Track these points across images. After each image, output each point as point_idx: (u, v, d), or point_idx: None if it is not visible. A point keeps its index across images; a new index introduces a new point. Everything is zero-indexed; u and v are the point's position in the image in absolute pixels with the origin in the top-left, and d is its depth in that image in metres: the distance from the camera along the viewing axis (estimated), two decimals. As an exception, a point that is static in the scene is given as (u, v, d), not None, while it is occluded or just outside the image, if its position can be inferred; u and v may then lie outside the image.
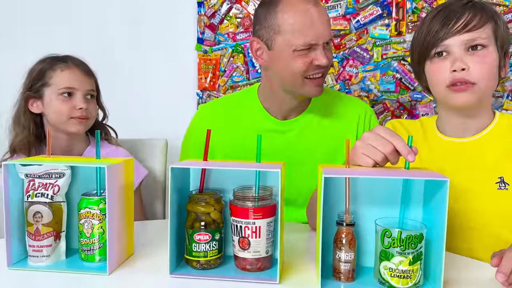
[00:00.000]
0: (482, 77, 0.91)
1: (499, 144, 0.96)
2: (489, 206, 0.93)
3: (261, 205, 0.74)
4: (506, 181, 0.92)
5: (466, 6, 0.93)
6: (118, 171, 0.77)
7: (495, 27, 0.93)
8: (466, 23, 0.91)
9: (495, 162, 0.95)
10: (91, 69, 1.29)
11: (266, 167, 0.73)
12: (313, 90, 1.15)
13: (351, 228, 0.73)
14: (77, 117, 1.22)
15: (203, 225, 0.75)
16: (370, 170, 0.73)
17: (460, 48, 0.92)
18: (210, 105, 1.38)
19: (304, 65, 1.11)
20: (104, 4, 1.93)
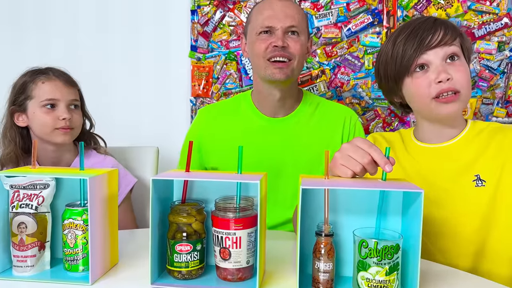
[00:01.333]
0: (465, 85, 0.96)
1: (472, 145, 1.01)
2: (468, 204, 0.97)
3: (242, 216, 0.76)
4: (482, 178, 0.97)
5: (436, 23, 0.98)
6: (101, 182, 0.78)
7: (462, 40, 0.99)
8: (441, 38, 0.96)
9: (470, 162, 1.00)
10: (73, 79, 1.30)
11: (246, 178, 0.74)
12: (275, 72, 1.23)
13: (329, 239, 0.74)
14: (61, 128, 1.23)
15: (184, 236, 0.76)
16: (348, 181, 0.74)
17: (439, 60, 0.96)
18: (207, 109, 1.46)
19: (264, 47, 1.24)
20: (98, 11, 1.95)
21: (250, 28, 1.30)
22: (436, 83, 0.95)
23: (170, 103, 1.96)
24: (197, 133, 1.40)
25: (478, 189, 0.97)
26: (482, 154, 0.99)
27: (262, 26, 1.24)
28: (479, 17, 1.70)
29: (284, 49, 1.22)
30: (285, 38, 1.24)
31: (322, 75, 1.82)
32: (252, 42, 1.28)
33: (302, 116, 1.36)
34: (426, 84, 0.97)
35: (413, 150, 1.07)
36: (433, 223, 0.99)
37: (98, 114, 1.54)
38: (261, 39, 1.25)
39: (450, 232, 0.98)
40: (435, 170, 1.02)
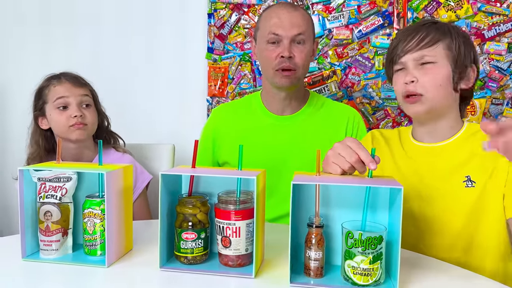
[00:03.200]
0: (429, 89, 1.02)
1: (465, 147, 1.05)
2: (457, 203, 1.02)
3: (241, 208, 0.83)
4: (472, 180, 1.02)
5: (423, 26, 1.05)
6: (117, 176, 0.88)
7: (449, 45, 1.03)
8: (418, 42, 1.03)
9: (462, 163, 1.04)
10: (83, 80, 1.40)
11: (245, 174, 0.82)
12: (281, 80, 1.34)
13: (320, 230, 0.81)
14: (74, 124, 1.33)
15: (190, 225, 0.85)
16: (337, 178, 0.81)
17: (412, 63, 1.04)
18: (221, 108, 1.57)
19: (272, 57, 1.32)
20: (120, 15, 2.06)
21: (259, 34, 1.39)
22: (404, 83, 1.04)
23: (187, 102, 2.05)
24: (211, 130, 1.51)
25: (467, 190, 1.01)
26: (474, 156, 1.03)
27: (270, 33, 1.33)
28: (489, 19, 1.72)
29: (290, 60, 1.32)
30: (291, 48, 1.32)
31: (333, 75, 1.88)
32: (261, 49, 1.38)
33: (308, 115, 1.44)
34: (400, 84, 1.06)
35: (409, 148, 1.12)
36: (424, 219, 1.05)
37: (120, 112, 1.65)
38: (269, 49, 1.34)
39: (439, 228, 1.04)
40: (428, 168, 1.07)
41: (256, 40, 1.42)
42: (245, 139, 1.42)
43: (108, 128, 1.47)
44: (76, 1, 2.07)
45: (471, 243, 1.02)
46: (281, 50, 1.31)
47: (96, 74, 1.48)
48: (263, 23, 1.37)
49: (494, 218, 1.00)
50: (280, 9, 1.35)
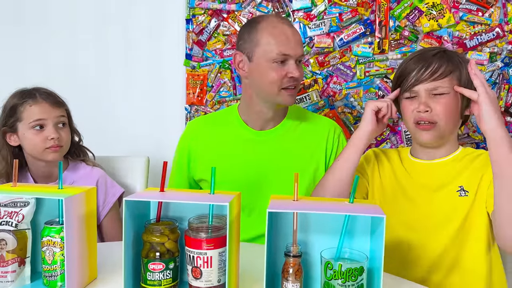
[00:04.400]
0: (443, 118, 1.08)
1: (459, 163, 1.13)
2: (450, 212, 1.08)
3: (213, 235, 0.78)
4: (465, 189, 1.08)
5: (435, 56, 1.09)
6: (78, 201, 0.81)
7: (459, 76, 1.08)
8: (431, 73, 1.07)
9: (455, 175, 1.11)
10: (59, 99, 1.35)
11: (217, 199, 0.76)
12: (287, 99, 1.29)
13: (297, 259, 0.75)
14: (51, 147, 1.28)
15: (157, 255, 0.79)
16: (315, 204, 0.76)
17: (426, 93, 1.08)
18: (197, 121, 1.51)
19: (279, 76, 1.25)
20: (96, 20, 1.98)
21: (260, 51, 1.27)
22: (417, 111, 1.09)
23: (165, 110, 1.99)
24: (186, 145, 1.44)
25: (461, 199, 1.07)
26: (466, 169, 1.10)
27: (279, 54, 1.24)
28: (471, 28, 1.70)
29: (295, 78, 1.27)
30: (297, 67, 1.28)
31: (314, 84, 1.84)
32: (263, 68, 1.27)
33: (287, 129, 1.39)
34: (411, 110, 1.11)
35: (408, 166, 1.18)
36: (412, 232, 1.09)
37: (93, 123, 1.58)
38: (274, 68, 1.26)
39: (426, 242, 1.07)
40: (425, 181, 1.13)
41: (252, 56, 1.29)
42: (222, 155, 1.36)
43: (80, 143, 1.41)
44: (50, 6, 1.98)
45: (456, 262, 1.05)
46: (291, 70, 1.25)
47: (70, 82, 1.41)
48: (266, 39, 1.26)
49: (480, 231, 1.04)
50: (283, 26, 1.28)
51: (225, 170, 1.33)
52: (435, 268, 1.04)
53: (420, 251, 1.06)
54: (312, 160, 1.36)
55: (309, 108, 1.81)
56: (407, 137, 1.79)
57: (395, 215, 1.08)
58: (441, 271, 1.04)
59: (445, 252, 1.05)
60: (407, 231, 1.08)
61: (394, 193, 1.14)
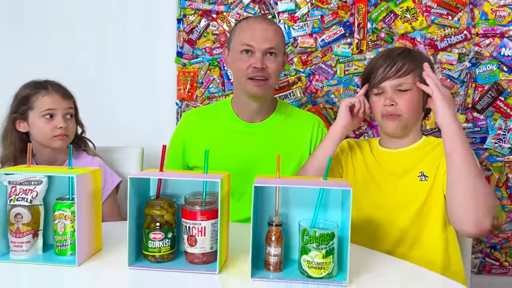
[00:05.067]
0: (406, 111, 1.20)
1: (421, 151, 1.25)
2: (412, 195, 1.19)
3: (207, 208, 0.89)
4: (425, 174, 1.19)
5: (400, 55, 1.22)
6: (86, 179, 0.92)
7: (420, 73, 1.18)
8: (396, 71, 1.19)
9: (417, 162, 1.23)
10: (69, 92, 1.46)
11: (210, 177, 0.88)
12: (253, 88, 1.40)
13: (279, 228, 0.88)
14: (59, 135, 1.39)
15: (157, 225, 0.90)
16: (295, 180, 0.89)
17: (391, 89, 1.21)
18: (192, 113, 1.62)
19: (245, 66, 1.39)
20: (92, 19, 2.07)
21: (233, 44, 1.45)
22: (383, 106, 1.21)
23: (157, 105, 2.08)
24: (181, 134, 1.55)
25: (421, 183, 1.19)
26: (426, 156, 1.22)
27: (243, 44, 1.39)
28: (442, 30, 1.85)
29: (262, 70, 1.39)
30: (264, 59, 1.39)
31: (298, 81, 1.96)
32: (234, 59, 1.43)
33: (276, 122, 1.52)
34: (380, 106, 1.23)
35: (377, 154, 1.31)
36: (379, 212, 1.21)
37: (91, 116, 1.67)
38: (242, 59, 1.40)
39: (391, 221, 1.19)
40: (391, 168, 1.25)
41: (230, 49, 1.48)
42: (215, 145, 1.48)
43: (82, 135, 1.52)
44: (50, 6, 2.06)
45: (418, 237, 1.18)
46: (254, 61, 1.37)
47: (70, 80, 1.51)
48: (237, 34, 1.43)
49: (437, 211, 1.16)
50: (254, 22, 1.42)
51: (218, 159, 1.44)
52: (399, 243, 1.18)
53: (387, 228, 1.19)
54: (297, 150, 1.49)
55: (293, 103, 1.94)
56: (384, 131, 1.93)
57: (365, 198, 1.22)
58: (405, 245, 1.17)
59: (408, 229, 1.17)
60: (376, 210, 1.21)
61: (365, 179, 1.27)
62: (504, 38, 1.81)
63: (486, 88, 1.84)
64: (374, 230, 1.19)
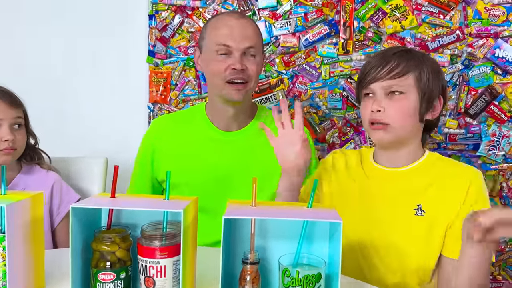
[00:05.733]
0: (396, 119, 1.02)
1: (422, 176, 1.06)
2: (405, 229, 1.03)
3: (167, 243, 0.74)
4: (423, 209, 1.03)
5: (395, 55, 1.04)
6: (22, 208, 0.76)
7: (417, 76, 1.03)
8: (388, 71, 1.02)
9: (417, 191, 1.05)
10: (17, 99, 1.28)
11: (171, 206, 0.73)
12: (232, 93, 1.25)
13: (255, 267, 0.73)
14: (5, 149, 1.21)
15: (108, 264, 0.74)
16: (273, 210, 0.74)
17: (381, 91, 1.04)
18: (162, 120, 1.46)
19: (222, 68, 1.23)
20: (53, 14, 1.89)
21: (205, 43, 1.28)
22: (371, 111, 1.04)
23: (127, 109, 1.93)
24: (150, 144, 1.39)
25: (416, 218, 1.02)
26: (429, 187, 1.04)
27: (219, 44, 1.23)
28: (433, 30, 1.73)
29: (242, 72, 1.23)
30: (243, 60, 1.23)
31: (280, 84, 1.82)
32: (208, 60, 1.27)
33: (255, 131, 1.36)
34: (367, 109, 1.06)
35: (369, 170, 1.13)
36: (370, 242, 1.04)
37: (51, 122, 1.51)
38: (218, 60, 1.24)
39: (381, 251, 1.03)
40: (383, 191, 1.08)
41: (201, 49, 1.32)
42: (187, 155, 1.32)
43: (35, 146, 1.35)
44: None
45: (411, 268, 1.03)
46: (232, 62, 1.22)
47: (24, 78, 1.33)
48: (210, 32, 1.27)
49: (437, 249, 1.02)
50: (230, 18, 1.26)
51: (190, 171, 1.29)
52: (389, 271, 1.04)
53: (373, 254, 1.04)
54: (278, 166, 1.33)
55: (274, 108, 1.79)
56: (371, 137, 1.80)
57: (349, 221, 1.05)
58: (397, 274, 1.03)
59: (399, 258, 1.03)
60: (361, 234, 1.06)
61: (347, 198, 1.11)
62: (498, 39, 1.70)
63: (479, 92, 1.73)
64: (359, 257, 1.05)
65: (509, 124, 1.72)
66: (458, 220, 0.98)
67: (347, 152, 1.23)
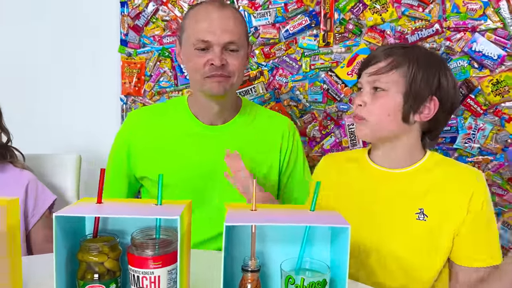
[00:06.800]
0: (373, 115, 1.01)
1: (424, 178, 1.03)
2: (405, 234, 1.00)
3: (161, 252, 0.69)
4: (425, 213, 0.99)
5: (385, 51, 1.02)
6: (-4, 217, 0.68)
7: (404, 73, 0.98)
8: (374, 67, 1.01)
9: (418, 194, 1.01)
10: None
11: (165, 212, 0.68)
12: (213, 86, 1.18)
13: (256, 274, 0.69)
14: None
15: (96, 276, 0.68)
16: (275, 215, 0.70)
17: (367, 86, 1.02)
18: (139, 113, 1.37)
19: (201, 63, 1.16)
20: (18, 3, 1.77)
21: (185, 36, 1.21)
22: (357, 104, 1.03)
23: (98, 102, 1.84)
24: (125, 138, 1.30)
25: (418, 222, 0.99)
26: (431, 190, 1.01)
27: (198, 40, 1.16)
28: (412, 23, 1.73)
29: (222, 68, 1.16)
30: (224, 55, 1.16)
31: (260, 76, 1.78)
32: (188, 54, 1.20)
33: (240, 125, 1.31)
34: (354, 103, 1.05)
35: (367, 170, 1.09)
36: (368, 247, 1.01)
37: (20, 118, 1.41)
38: (197, 55, 1.17)
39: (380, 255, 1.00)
40: (383, 193, 1.04)
41: (181, 43, 1.24)
42: (168, 150, 1.25)
43: (8, 143, 1.25)
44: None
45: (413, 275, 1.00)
46: (211, 57, 1.15)
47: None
48: (189, 24, 1.20)
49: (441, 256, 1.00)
50: (209, 10, 1.17)
51: (172, 168, 1.23)
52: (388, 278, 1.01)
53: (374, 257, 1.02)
54: (266, 159, 1.30)
55: (255, 100, 1.75)
56: (351, 130, 1.79)
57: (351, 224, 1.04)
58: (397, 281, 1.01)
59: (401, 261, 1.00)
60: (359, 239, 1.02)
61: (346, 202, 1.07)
62: (475, 33, 1.72)
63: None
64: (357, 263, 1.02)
65: (484, 117, 1.75)
66: (464, 227, 0.97)
67: (340, 155, 1.21)
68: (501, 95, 1.71)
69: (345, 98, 1.75)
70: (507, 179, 1.74)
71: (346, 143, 1.78)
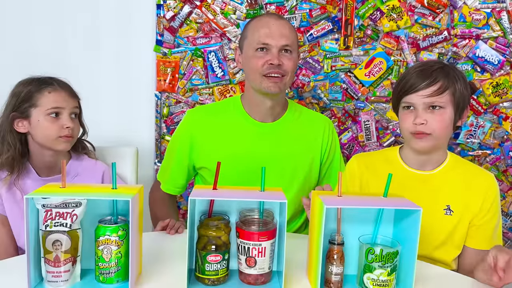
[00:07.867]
0: (437, 129, 1.16)
1: (450, 176, 1.23)
2: (435, 228, 1.18)
3: (265, 229, 0.87)
4: (451, 209, 1.19)
5: (435, 71, 1.17)
6: (137, 201, 0.84)
7: (453, 91, 1.17)
8: (430, 89, 1.15)
9: (445, 192, 1.21)
10: (74, 91, 1.34)
11: (270, 197, 0.85)
12: (270, 85, 1.36)
13: (341, 247, 0.88)
14: (64, 136, 1.26)
15: (213, 247, 0.86)
16: (359, 200, 0.89)
17: (423, 106, 1.16)
18: (197, 111, 1.53)
19: (260, 63, 1.35)
20: (60, 3, 1.87)
21: (247, 43, 1.39)
22: (413, 123, 1.17)
23: (134, 97, 1.96)
24: (188, 134, 1.45)
25: (446, 217, 1.19)
26: (455, 188, 1.21)
27: (259, 43, 1.35)
28: (424, 30, 1.92)
29: (279, 67, 1.34)
30: (280, 56, 1.35)
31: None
32: (248, 57, 1.38)
33: (288, 123, 1.48)
34: (408, 122, 1.18)
35: (398, 171, 1.25)
36: None
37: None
38: (257, 56, 1.35)
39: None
40: (414, 194, 1.16)
41: (242, 48, 1.43)
42: (225, 144, 1.42)
43: (83, 137, 1.39)
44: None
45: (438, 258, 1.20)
46: (270, 58, 1.33)
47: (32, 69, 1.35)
48: (251, 32, 1.39)
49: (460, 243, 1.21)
50: (268, 20, 1.38)
51: (227, 159, 1.39)
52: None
53: None
54: (309, 152, 1.48)
55: (283, 99, 1.92)
56: (366, 126, 1.99)
57: None
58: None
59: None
60: None
61: None
62: (479, 40, 1.93)
63: (461, 87, 1.96)
64: None
65: (484, 116, 1.97)
66: (476, 218, 1.19)
67: (371, 155, 1.36)
68: (500, 96, 1.94)
69: (362, 97, 1.94)
70: (502, 171, 1.98)
71: (362, 138, 1.97)
